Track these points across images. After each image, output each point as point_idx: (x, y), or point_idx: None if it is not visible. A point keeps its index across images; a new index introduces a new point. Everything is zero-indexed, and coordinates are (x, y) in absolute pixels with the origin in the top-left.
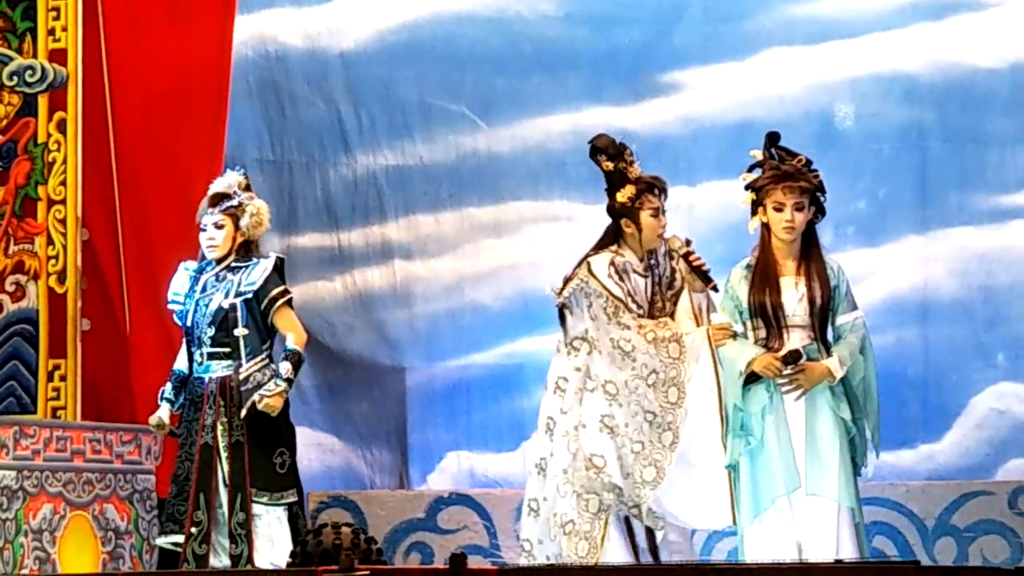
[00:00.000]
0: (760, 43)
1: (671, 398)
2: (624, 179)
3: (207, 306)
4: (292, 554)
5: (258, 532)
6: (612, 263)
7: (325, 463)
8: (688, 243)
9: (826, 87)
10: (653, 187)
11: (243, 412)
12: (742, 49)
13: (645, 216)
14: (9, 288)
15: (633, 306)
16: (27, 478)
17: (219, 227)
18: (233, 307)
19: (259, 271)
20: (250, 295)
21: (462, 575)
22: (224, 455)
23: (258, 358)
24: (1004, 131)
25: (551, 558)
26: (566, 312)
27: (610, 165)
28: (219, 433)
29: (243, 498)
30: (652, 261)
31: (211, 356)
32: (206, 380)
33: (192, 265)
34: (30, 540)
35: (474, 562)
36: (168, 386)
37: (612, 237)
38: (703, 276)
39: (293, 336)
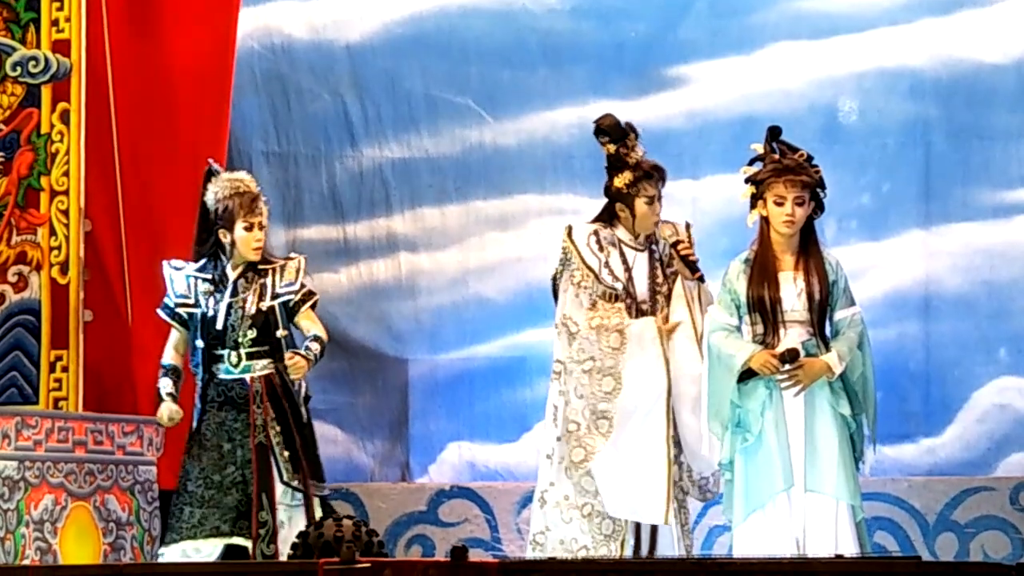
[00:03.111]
0: (766, 37)
1: (605, 387)
2: (623, 164)
3: (242, 308)
4: (293, 546)
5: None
6: (596, 232)
7: (328, 454)
8: (688, 227)
9: (831, 82)
10: (651, 175)
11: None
12: (748, 43)
13: (640, 203)
14: (11, 279)
15: (609, 279)
16: (28, 468)
17: (263, 228)
18: (272, 309)
19: (293, 272)
20: (290, 297)
21: (463, 568)
22: (278, 451)
23: None
24: (1008, 127)
25: (565, 542)
26: (559, 289)
27: (612, 148)
28: (271, 432)
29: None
30: (651, 240)
31: (251, 356)
32: (248, 380)
33: (181, 265)
34: (31, 531)
35: (475, 555)
36: (170, 383)
37: (606, 216)
38: (690, 266)
39: (307, 328)
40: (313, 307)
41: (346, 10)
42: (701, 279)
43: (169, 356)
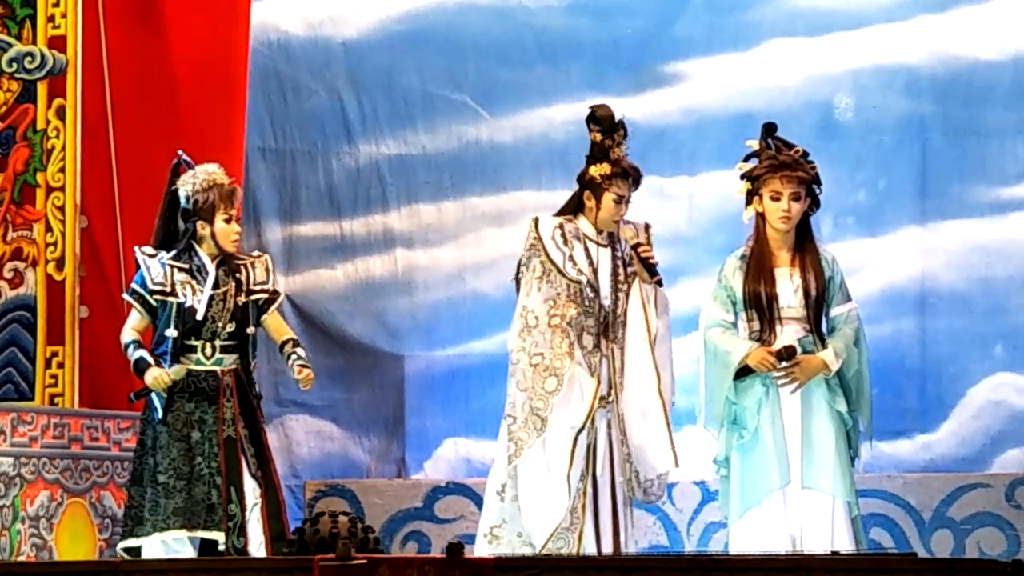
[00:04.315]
0: (762, 34)
1: (548, 386)
2: (604, 155)
3: (223, 301)
4: (289, 543)
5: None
6: (560, 226)
7: (324, 450)
8: (647, 228)
9: (828, 78)
10: (628, 175)
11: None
12: (744, 40)
13: (608, 198)
14: (7, 275)
15: (573, 272)
16: (24, 465)
17: (239, 221)
18: (246, 304)
19: (262, 270)
20: (264, 296)
21: (459, 564)
22: (245, 445)
23: (255, 354)
24: (1005, 123)
25: (523, 535)
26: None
27: (598, 137)
28: (240, 426)
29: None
30: (614, 238)
31: (224, 350)
32: (219, 373)
33: (153, 252)
34: (27, 527)
35: (471, 551)
36: (146, 351)
37: (572, 207)
38: (649, 269)
39: (279, 331)
40: (278, 308)
41: (343, 6)
42: (659, 283)
43: (131, 335)
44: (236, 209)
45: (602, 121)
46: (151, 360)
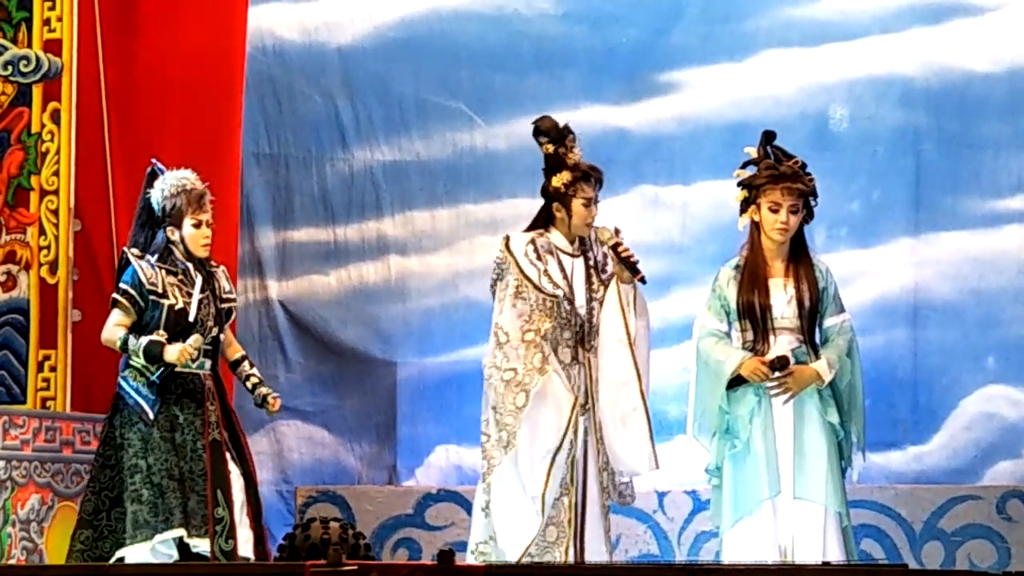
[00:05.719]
0: (757, 44)
1: (518, 402)
2: (561, 164)
3: (208, 306)
4: (280, 548)
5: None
6: (532, 241)
7: (316, 456)
8: (617, 232)
9: (822, 89)
10: (589, 176)
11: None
12: (739, 50)
13: (576, 204)
14: (0, 278)
15: (549, 287)
16: (16, 468)
17: (210, 225)
18: (219, 311)
19: (226, 280)
20: (230, 305)
21: (449, 572)
22: (230, 446)
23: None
24: (998, 135)
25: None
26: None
27: (550, 148)
28: (222, 428)
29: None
30: (585, 245)
31: (205, 354)
32: (202, 376)
33: (141, 254)
34: (17, 530)
35: (461, 559)
36: (149, 335)
37: (542, 220)
38: (631, 267)
39: (235, 346)
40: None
41: (338, 13)
42: (643, 280)
43: (122, 330)
44: (208, 214)
45: (549, 132)
46: (162, 339)
